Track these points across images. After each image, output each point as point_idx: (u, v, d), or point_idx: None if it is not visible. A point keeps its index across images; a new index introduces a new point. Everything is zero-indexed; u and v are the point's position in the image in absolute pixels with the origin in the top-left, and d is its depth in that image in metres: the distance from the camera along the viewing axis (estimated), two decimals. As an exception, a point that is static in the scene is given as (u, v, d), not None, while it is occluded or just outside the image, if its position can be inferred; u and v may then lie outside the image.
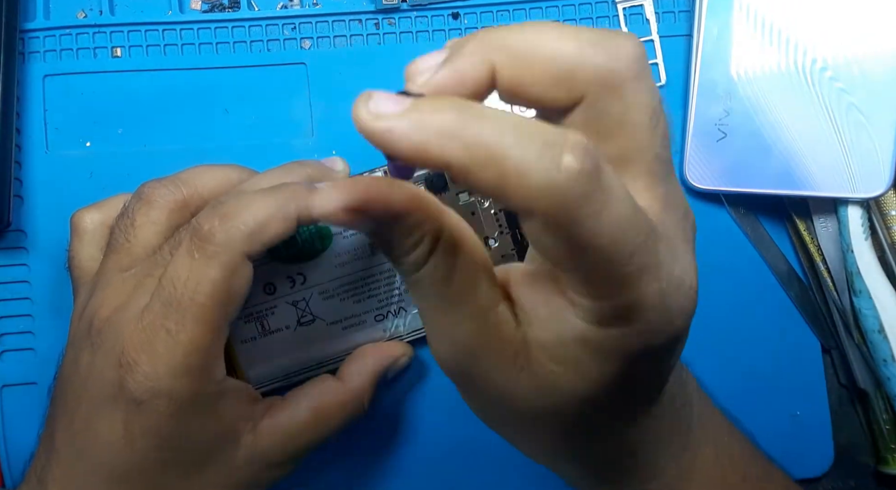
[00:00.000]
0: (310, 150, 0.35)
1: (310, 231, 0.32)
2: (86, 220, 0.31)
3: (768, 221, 0.36)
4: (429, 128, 0.17)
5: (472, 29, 0.36)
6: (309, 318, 0.33)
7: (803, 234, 0.36)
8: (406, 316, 0.33)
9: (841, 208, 0.34)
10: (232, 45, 0.36)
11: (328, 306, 0.33)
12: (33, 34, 0.35)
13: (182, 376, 0.25)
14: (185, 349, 0.25)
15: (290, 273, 0.32)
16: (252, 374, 0.32)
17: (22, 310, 0.35)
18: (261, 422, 0.28)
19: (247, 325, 0.32)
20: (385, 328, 0.33)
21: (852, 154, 0.33)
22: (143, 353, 0.25)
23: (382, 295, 0.33)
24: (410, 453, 0.35)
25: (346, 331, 0.33)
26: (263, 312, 0.32)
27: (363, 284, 0.33)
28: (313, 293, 0.32)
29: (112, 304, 0.27)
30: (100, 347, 0.27)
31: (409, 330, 0.33)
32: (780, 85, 0.34)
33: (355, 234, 0.33)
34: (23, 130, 0.35)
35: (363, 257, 0.33)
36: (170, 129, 0.35)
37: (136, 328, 0.26)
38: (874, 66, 0.33)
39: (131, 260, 0.29)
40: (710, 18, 0.34)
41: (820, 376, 0.35)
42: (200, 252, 0.25)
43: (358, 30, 0.36)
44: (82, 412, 0.27)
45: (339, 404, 0.30)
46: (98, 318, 0.27)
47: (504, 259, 0.33)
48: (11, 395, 0.35)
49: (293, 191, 0.27)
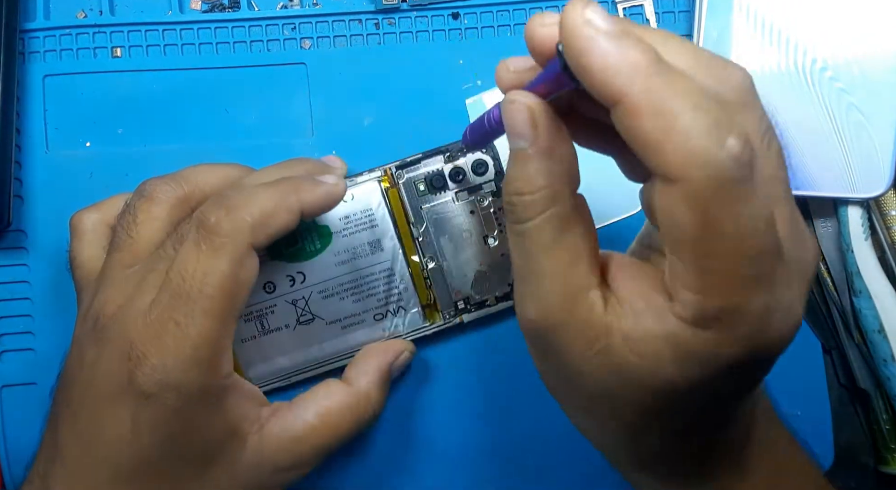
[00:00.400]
0: (310, 149, 0.35)
1: (309, 229, 0.32)
2: (85, 220, 0.31)
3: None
4: (629, 56, 0.18)
5: (472, 29, 0.36)
6: (308, 317, 0.33)
7: (803, 234, 0.36)
8: (405, 315, 0.33)
9: (841, 208, 0.34)
10: (232, 45, 0.36)
11: (327, 305, 0.33)
12: (33, 34, 0.35)
13: (191, 369, 0.25)
14: (194, 342, 0.25)
15: (290, 272, 0.32)
16: (252, 373, 0.32)
17: (22, 310, 0.35)
18: (267, 424, 0.28)
19: (247, 323, 0.32)
20: (384, 327, 0.33)
21: (852, 154, 0.33)
22: (152, 346, 0.25)
23: (381, 294, 0.33)
24: (418, 456, 0.35)
25: (346, 330, 0.33)
26: (263, 311, 0.32)
27: (362, 283, 0.33)
28: (313, 292, 0.32)
29: (117, 301, 0.27)
30: (106, 343, 0.27)
31: (409, 329, 0.33)
32: (779, 85, 0.34)
33: (354, 233, 0.33)
34: (23, 130, 0.35)
35: (362, 256, 0.33)
36: (170, 129, 0.35)
37: (145, 322, 0.26)
38: (874, 66, 0.33)
39: (134, 257, 0.29)
40: (710, 18, 0.34)
41: (820, 376, 0.35)
42: (207, 244, 0.26)
43: (358, 30, 0.36)
44: (88, 409, 0.27)
45: (347, 407, 0.30)
46: (104, 315, 0.27)
47: (504, 258, 0.33)
48: (11, 395, 0.34)
49: (296, 183, 0.28)
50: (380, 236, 0.33)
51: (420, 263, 0.33)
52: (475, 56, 0.36)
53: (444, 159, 0.33)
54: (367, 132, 0.35)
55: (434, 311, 0.34)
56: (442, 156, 0.33)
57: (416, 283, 0.33)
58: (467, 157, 0.33)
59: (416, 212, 0.33)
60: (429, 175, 0.33)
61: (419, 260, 0.33)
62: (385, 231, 0.33)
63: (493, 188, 0.33)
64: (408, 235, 0.33)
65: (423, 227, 0.33)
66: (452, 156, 0.33)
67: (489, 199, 0.33)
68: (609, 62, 0.17)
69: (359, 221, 0.33)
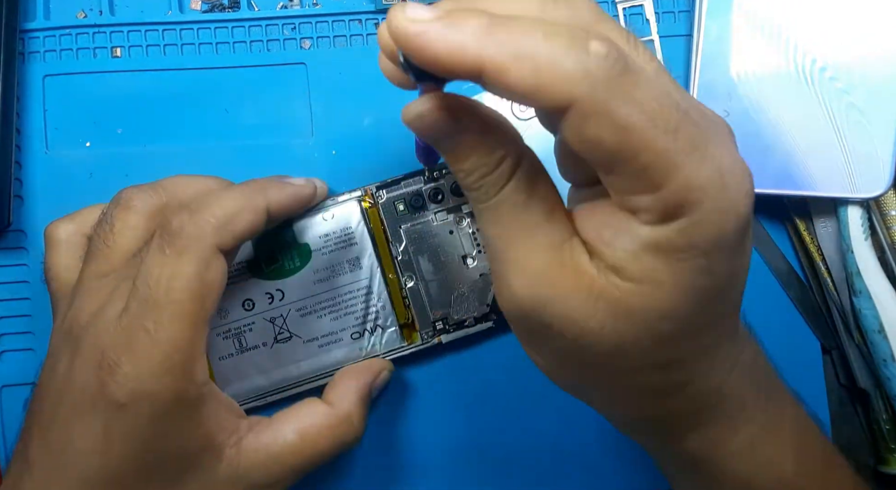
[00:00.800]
0: (309, 149, 0.35)
1: (289, 247, 0.32)
2: (60, 230, 0.31)
3: (768, 221, 0.36)
4: (464, 29, 0.18)
5: (472, 29, 0.36)
6: (286, 335, 0.33)
7: (803, 234, 0.36)
8: (383, 334, 0.33)
9: (841, 209, 0.34)
10: (232, 45, 0.36)
11: (305, 323, 0.33)
12: (33, 34, 0.35)
13: (164, 376, 0.25)
14: (164, 348, 0.25)
15: (269, 289, 0.32)
16: (229, 391, 0.32)
17: (21, 310, 0.35)
18: (245, 438, 0.28)
19: (224, 341, 0.32)
20: (361, 347, 0.33)
21: (852, 154, 0.33)
22: (124, 354, 0.25)
23: (359, 312, 0.33)
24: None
25: (323, 349, 0.33)
26: (241, 329, 0.32)
27: (341, 301, 0.33)
28: (291, 310, 0.33)
29: (90, 310, 0.27)
30: (78, 353, 0.26)
31: (386, 348, 0.33)
32: (779, 85, 0.34)
33: (334, 251, 0.33)
34: (22, 130, 0.35)
35: (341, 274, 0.33)
36: (170, 129, 0.35)
37: (115, 330, 0.25)
38: (874, 66, 0.33)
39: (110, 266, 0.28)
40: (709, 19, 0.34)
41: (820, 376, 0.35)
42: (171, 247, 0.25)
43: (358, 30, 0.36)
44: (59, 420, 0.26)
45: (328, 427, 0.29)
46: (76, 325, 0.27)
47: (482, 278, 0.33)
48: (11, 395, 0.35)
49: (262, 183, 0.28)
50: (359, 254, 0.33)
51: (399, 282, 0.33)
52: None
53: (424, 180, 0.33)
54: (366, 132, 0.35)
55: (412, 330, 0.33)
56: (422, 176, 0.33)
57: (394, 301, 0.33)
58: (447, 179, 0.33)
59: (394, 231, 0.33)
60: (408, 195, 0.33)
61: (397, 278, 0.33)
62: (364, 249, 0.33)
63: (471, 209, 0.33)
64: (387, 254, 0.33)
65: (402, 246, 0.33)
66: (432, 177, 0.33)
67: (468, 220, 0.33)
68: (451, 42, 0.18)
69: (338, 239, 0.33)
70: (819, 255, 0.35)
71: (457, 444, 0.35)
